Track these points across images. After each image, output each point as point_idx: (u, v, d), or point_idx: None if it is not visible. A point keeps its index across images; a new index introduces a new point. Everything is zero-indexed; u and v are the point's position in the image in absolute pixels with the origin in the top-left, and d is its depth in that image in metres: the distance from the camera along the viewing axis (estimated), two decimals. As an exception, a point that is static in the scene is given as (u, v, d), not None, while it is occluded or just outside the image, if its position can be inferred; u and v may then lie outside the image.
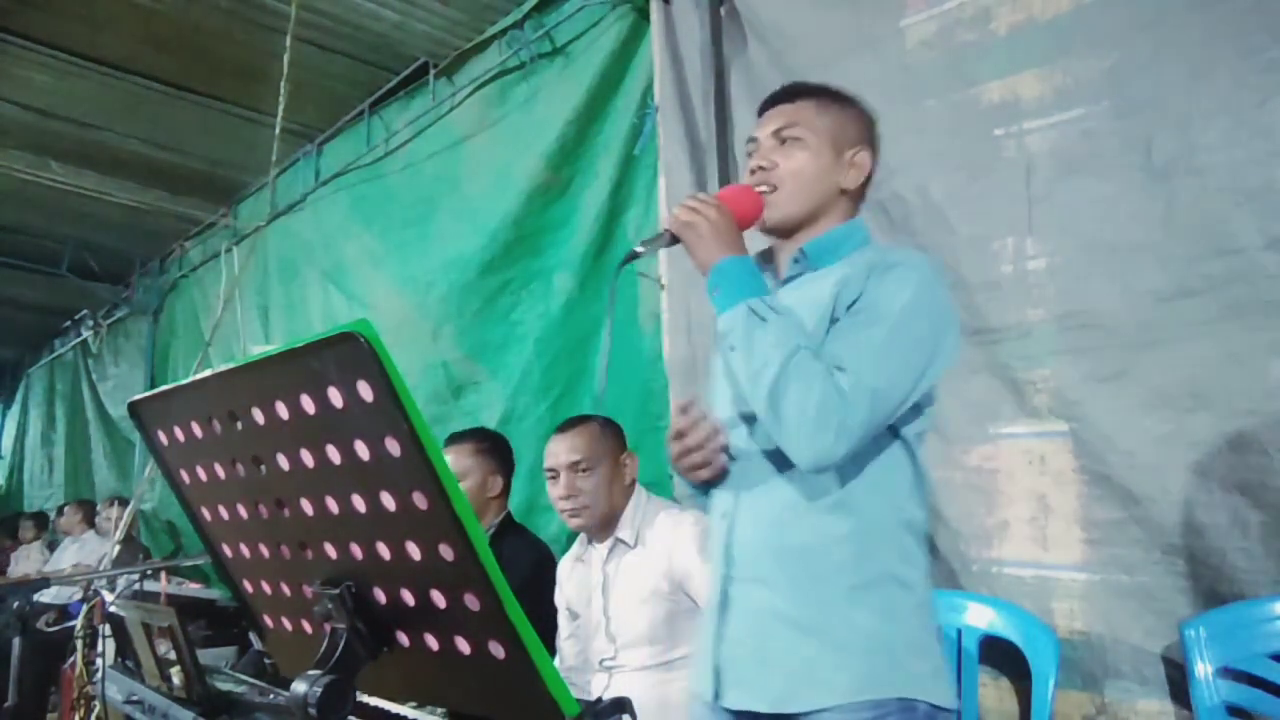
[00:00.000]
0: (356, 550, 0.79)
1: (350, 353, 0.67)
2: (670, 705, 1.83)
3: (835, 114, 1.32)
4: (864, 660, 1.12)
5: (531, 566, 2.23)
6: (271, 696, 1.58)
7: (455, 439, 2.45)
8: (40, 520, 6.78)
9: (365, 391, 0.67)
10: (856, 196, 1.35)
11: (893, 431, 1.18)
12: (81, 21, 3.53)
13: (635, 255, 1.26)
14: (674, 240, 1.24)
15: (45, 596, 4.43)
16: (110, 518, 5.25)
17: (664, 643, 1.90)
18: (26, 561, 6.15)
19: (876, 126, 1.38)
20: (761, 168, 1.29)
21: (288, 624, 0.96)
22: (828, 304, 1.19)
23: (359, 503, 0.75)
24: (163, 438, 0.93)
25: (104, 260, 6.30)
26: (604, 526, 2.03)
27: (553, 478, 2.05)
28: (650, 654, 1.91)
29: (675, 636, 1.89)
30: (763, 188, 1.28)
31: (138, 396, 0.95)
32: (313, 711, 0.71)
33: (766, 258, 1.37)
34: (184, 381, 0.87)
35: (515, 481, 2.51)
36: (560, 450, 2.04)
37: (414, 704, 1.37)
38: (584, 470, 2.00)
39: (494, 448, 2.45)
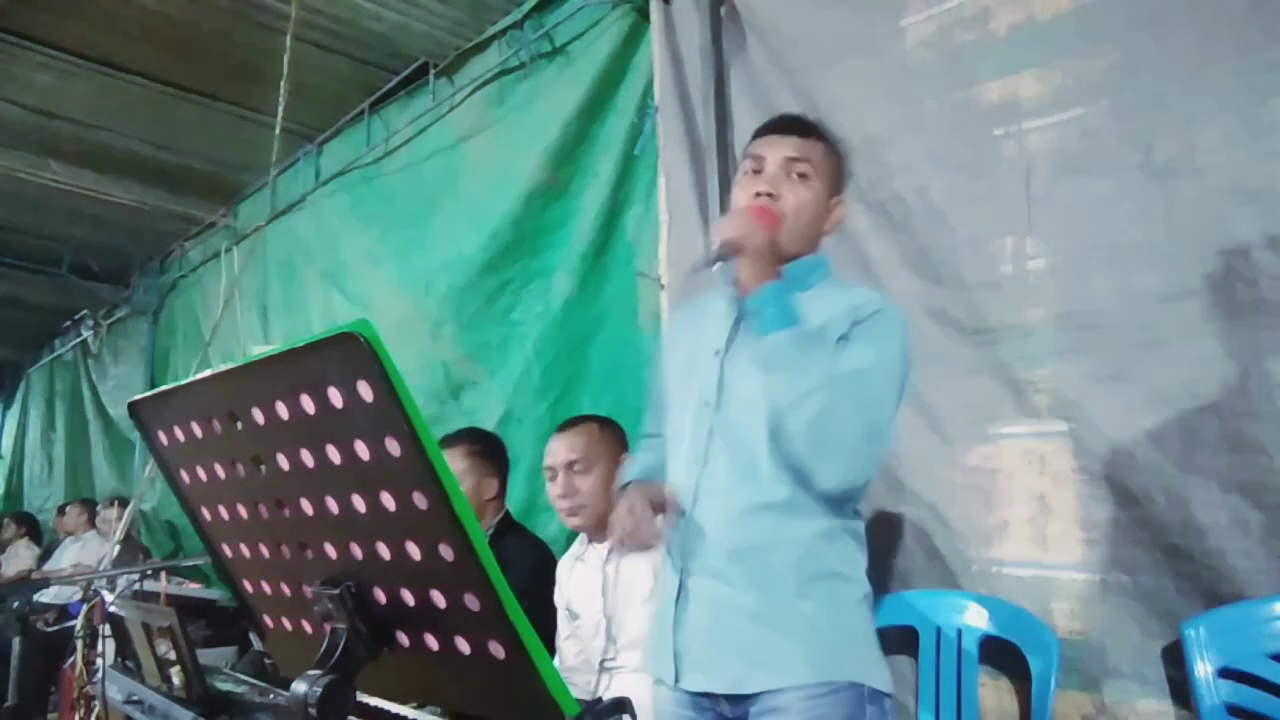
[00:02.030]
0: (356, 550, 0.79)
1: (350, 353, 0.66)
2: (670, 705, 1.83)
3: (835, 162, 1.42)
4: (813, 647, 1.24)
5: (532, 568, 2.22)
6: (271, 696, 1.58)
7: (447, 442, 2.41)
8: (21, 519, 6.70)
9: (365, 391, 0.67)
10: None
11: None
12: (81, 21, 3.52)
13: (709, 264, 1.28)
14: (723, 256, 1.26)
15: (45, 596, 4.43)
16: (110, 518, 5.25)
17: (664, 643, 1.89)
18: (16, 560, 6.11)
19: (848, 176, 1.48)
20: (770, 194, 1.34)
21: (288, 624, 0.96)
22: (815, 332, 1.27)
23: (359, 503, 0.75)
24: (163, 438, 0.93)
25: (104, 260, 6.30)
26: (603, 527, 2.02)
27: (551, 477, 2.06)
28: (650, 654, 1.90)
29: (675, 636, 1.89)
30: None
31: (138, 396, 0.95)
32: (313, 711, 0.71)
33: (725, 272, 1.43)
34: (184, 381, 0.87)
35: (515, 482, 2.51)
36: (558, 449, 2.05)
37: (414, 704, 1.37)
38: (580, 470, 2.00)
39: (487, 449, 2.43)
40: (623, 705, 0.81)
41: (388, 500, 0.72)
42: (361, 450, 0.71)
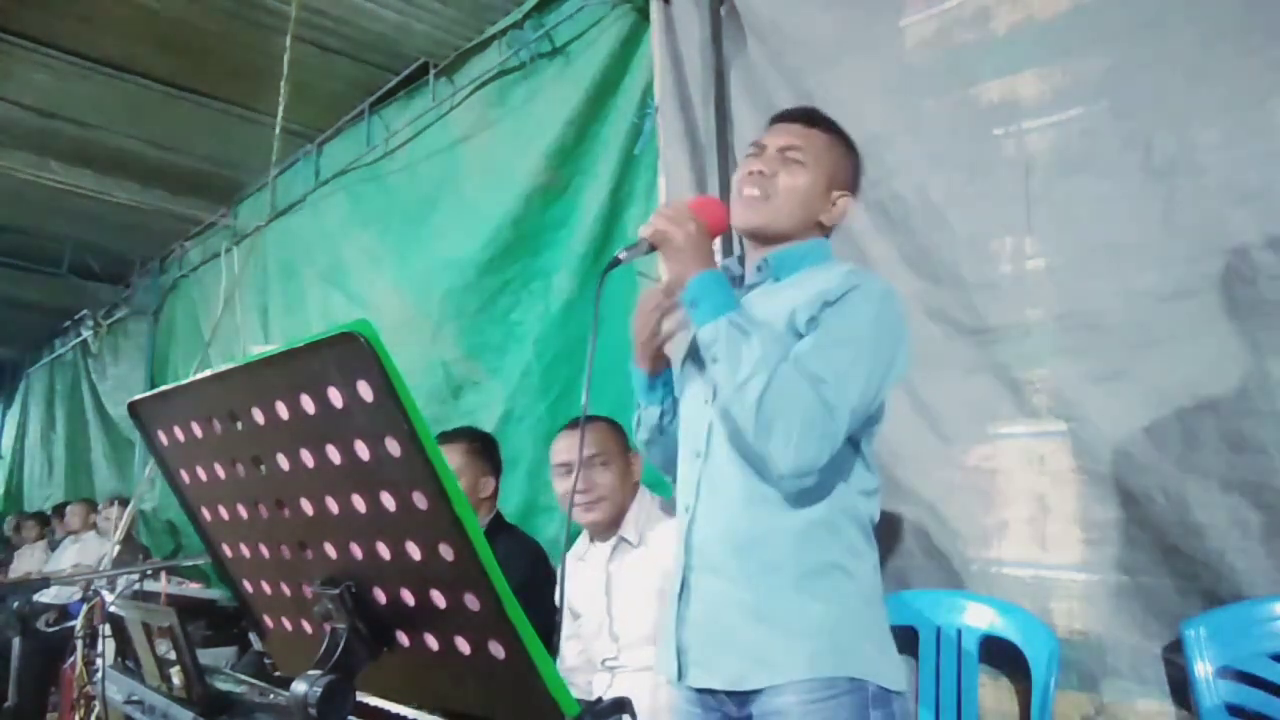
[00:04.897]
0: (356, 550, 0.79)
1: (350, 353, 0.66)
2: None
3: (839, 154, 1.41)
4: (812, 643, 1.22)
5: (527, 566, 2.22)
6: (271, 696, 1.58)
7: (445, 439, 2.42)
8: (41, 519, 6.79)
9: (365, 391, 0.67)
10: (826, 232, 1.44)
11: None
12: (81, 21, 3.53)
13: (617, 262, 1.33)
14: (653, 248, 1.31)
15: (45, 596, 4.42)
16: (110, 518, 5.25)
17: (665, 643, 1.89)
18: (30, 560, 6.15)
19: (861, 176, 1.47)
20: (761, 173, 1.37)
21: (288, 624, 0.96)
22: (788, 317, 1.27)
23: (359, 503, 0.75)
24: (163, 438, 0.93)
25: (104, 260, 6.31)
26: (610, 525, 2.03)
27: (564, 473, 2.04)
28: (653, 654, 1.91)
29: (676, 636, 1.89)
30: (754, 191, 1.36)
31: (138, 396, 0.95)
32: (313, 711, 0.71)
33: (738, 261, 1.46)
34: (184, 381, 0.87)
35: (515, 482, 2.51)
36: (576, 445, 2.03)
37: (414, 705, 1.37)
38: (602, 464, 2.00)
39: (485, 448, 2.45)
40: (623, 705, 0.81)
41: (388, 500, 0.72)
42: (361, 450, 0.71)
